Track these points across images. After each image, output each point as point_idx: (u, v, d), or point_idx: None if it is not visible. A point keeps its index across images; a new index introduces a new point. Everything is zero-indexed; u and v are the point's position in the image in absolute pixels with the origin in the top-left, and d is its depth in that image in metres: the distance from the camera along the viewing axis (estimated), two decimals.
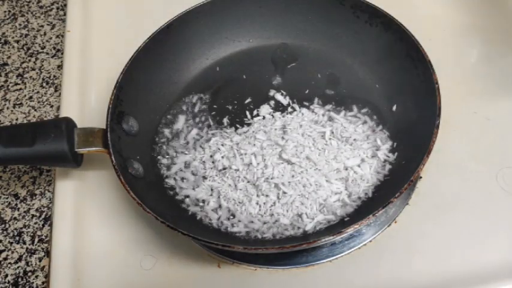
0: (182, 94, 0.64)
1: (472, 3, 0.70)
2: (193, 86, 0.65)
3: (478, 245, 0.51)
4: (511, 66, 0.63)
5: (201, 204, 0.55)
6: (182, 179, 0.57)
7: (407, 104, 0.57)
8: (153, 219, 0.48)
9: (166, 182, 0.57)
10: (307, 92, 0.63)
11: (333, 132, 0.57)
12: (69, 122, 0.55)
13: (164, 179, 0.57)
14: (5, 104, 0.70)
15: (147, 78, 0.61)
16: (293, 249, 0.46)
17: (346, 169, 0.54)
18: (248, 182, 0.55)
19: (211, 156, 0.58)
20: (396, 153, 0.55)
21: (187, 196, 0.55)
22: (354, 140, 0.56)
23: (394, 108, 0.59)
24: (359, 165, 0.55)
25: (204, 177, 0.56)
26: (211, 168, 0.57)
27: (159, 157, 0.59)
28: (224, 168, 0.56)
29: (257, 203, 0.53)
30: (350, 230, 0.45)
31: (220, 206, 0.54)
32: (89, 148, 0.54)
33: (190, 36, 0.65)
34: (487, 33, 0.66)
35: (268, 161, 0.55)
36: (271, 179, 0.54)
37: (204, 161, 0.58)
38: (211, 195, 0.55)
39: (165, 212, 0.51)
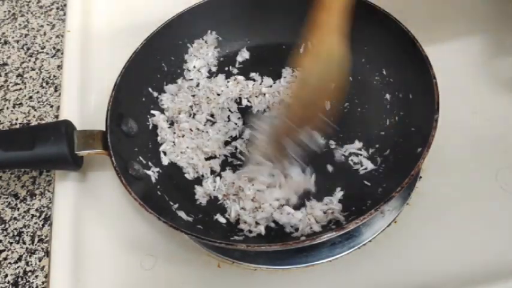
0: None
1: (472, 4, 0.70)
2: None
3: (478, 245, 0.51)
4: (511, 66, 0.63)
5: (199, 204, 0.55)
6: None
7: (406, 100, 0.57)
8: (153, 219, 0.48)
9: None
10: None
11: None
12: (68, 125, 0.55)
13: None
14: (5, 104, 0.70)
15: (146, 79, 0.61)
16: (296, 245, 0.46)
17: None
18: (245, 181, 0.55)
19: (209, 156, 0.58)
20: (396, 149, 0.55)
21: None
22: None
23: None
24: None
25: (203, 178, 0.57)
26: (209, 170, 0.57)
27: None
28: (222, 171, 0.57)
29: (254, 200, 0.53)
30: (352, 226, 0.45)
31: (219, 207, 0.54)
32: (89, 150, 0.54)
33: (187, 36, 0.65)
34: (487, 33, 0.66)
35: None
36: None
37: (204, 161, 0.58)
38: (209, 195, 0.55)
39: (165, 212, 0.51)
